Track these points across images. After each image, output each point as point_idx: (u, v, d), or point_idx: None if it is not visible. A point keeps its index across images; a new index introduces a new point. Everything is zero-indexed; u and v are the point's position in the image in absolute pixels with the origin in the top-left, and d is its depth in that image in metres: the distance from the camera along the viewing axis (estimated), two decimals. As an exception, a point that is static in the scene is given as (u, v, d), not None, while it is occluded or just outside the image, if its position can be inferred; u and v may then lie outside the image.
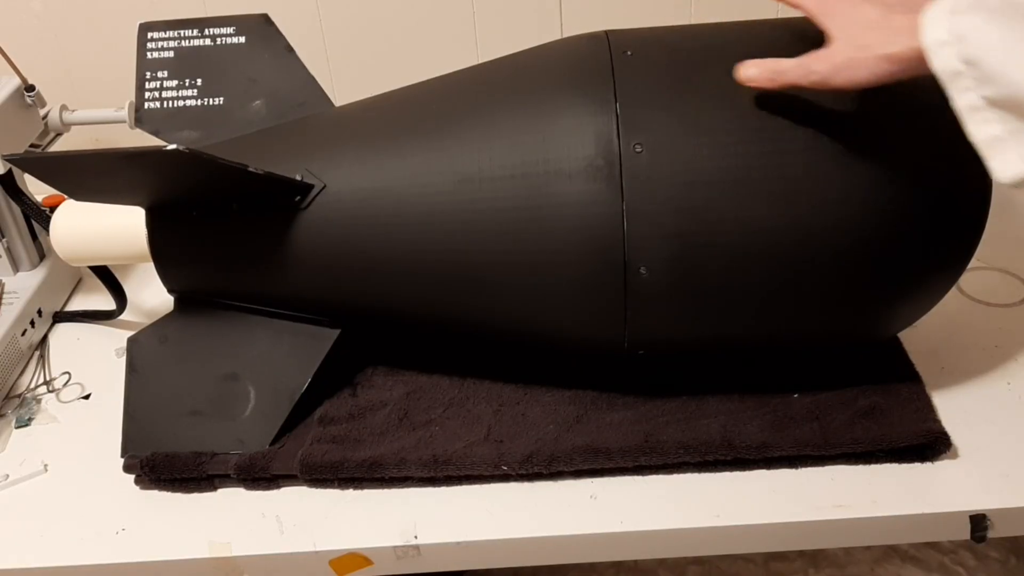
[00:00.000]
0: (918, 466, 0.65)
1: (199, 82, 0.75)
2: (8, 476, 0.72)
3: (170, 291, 0.73)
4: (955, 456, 0.66)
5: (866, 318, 0.66)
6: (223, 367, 0.72)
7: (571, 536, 0.64)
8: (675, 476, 0.67)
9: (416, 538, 0.64)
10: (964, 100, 0.51)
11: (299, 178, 0.67)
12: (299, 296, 0.71)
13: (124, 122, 0.85)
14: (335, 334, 0.72)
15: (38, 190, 0.83)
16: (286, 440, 0.71)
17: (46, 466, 0.73)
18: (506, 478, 0.67)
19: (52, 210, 0.76)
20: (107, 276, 0.81)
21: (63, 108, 0.88)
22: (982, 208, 0.63)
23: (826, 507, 0.63)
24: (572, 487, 0.67)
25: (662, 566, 1.01)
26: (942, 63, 0.51)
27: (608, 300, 0.63)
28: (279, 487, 0.69)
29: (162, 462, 0.69)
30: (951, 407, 0.68)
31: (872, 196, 0.60)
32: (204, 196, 0.68)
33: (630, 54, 0.64)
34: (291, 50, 0.76)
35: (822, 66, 0.56)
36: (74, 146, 0.73)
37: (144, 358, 0.74)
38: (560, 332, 0.67)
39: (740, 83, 0.59)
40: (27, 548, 0.67)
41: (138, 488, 0.70)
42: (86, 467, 0.72)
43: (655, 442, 0.66)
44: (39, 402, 0.79)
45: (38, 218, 0.84)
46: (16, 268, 0.87)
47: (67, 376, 0.82)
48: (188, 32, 0.76)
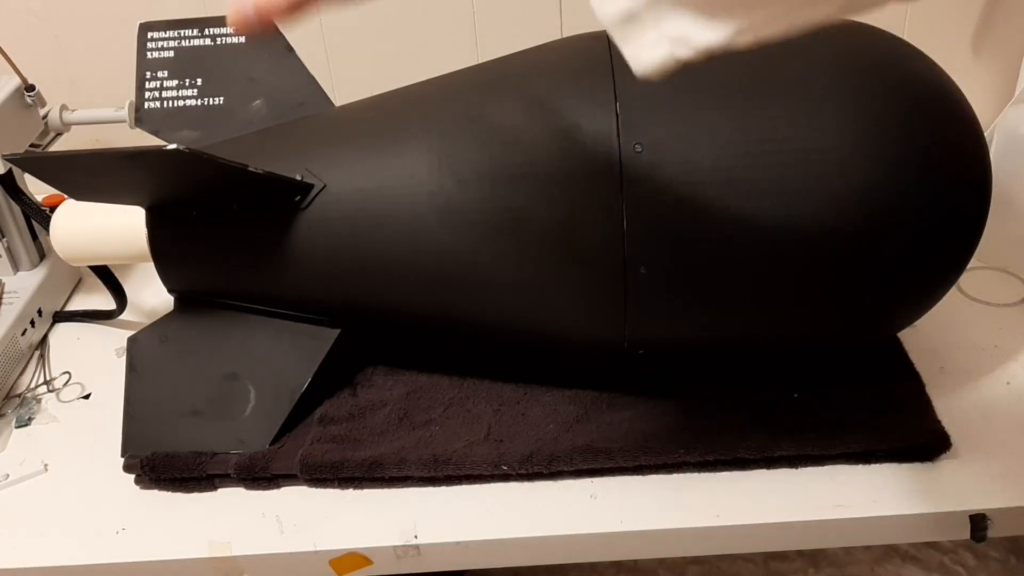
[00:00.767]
0: (918, 466, 0.65)
1: (199, 82, 0.75)
2: (8, 476, 0.72)
3: (170, 291, 0.73)
4: (955, 456, 0.65)
5: (866, 318, 0.66)
6: (223, 367, 0.72)
7: (571, 536, 0.64)
8: (675, 476, 0.66)
9: (416, 538, 0.64)
10: None
11: (299, 178, 0.67)
12: (299, 296, 0.71)
13: (124, 122, 0.85)
14: (335, 334, 0.72)
15: (38, 190, 0.83)
16: (286, 440, 0.71)
17: (46, 466, 0.73)
18: (506, 478, 0.67)
19: (52, 210, 0.76)
20: (107, 276, 0.81)
21: (63, 108, 0.87)
22: (982, 208, 0.63)
23: (826, 507, 0.63)
24: (572, 487, 0.67)
25: (662, 566, 1.00)
26: None
27: (608, 300, 0.63)
28: (279, 487, 0.69)
29: (162, 462, 0.69)
30: (951, 407, 0.68)
31: (872, 196, 0.60)
32: (204, 196, 0.68)
33: (630, 54, 0.64)
34: (291, 50, 0.76)
35: None
36: (74, 146, 0.73)
37: (144, 358, 0.74)
38: (560, 332, 0.67)
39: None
40: (27, 548, 0.67)
41: (138, 488, 0.70)
42: (86, 467, 0.72)
43: (655, 442, 0.66)
44: (39, 402, 0.79)
45: (38, 218, 0.84)
46: (16, 268, 0.87)
47: (67, 376, 0.82)
48: (188, 32, 0.76)
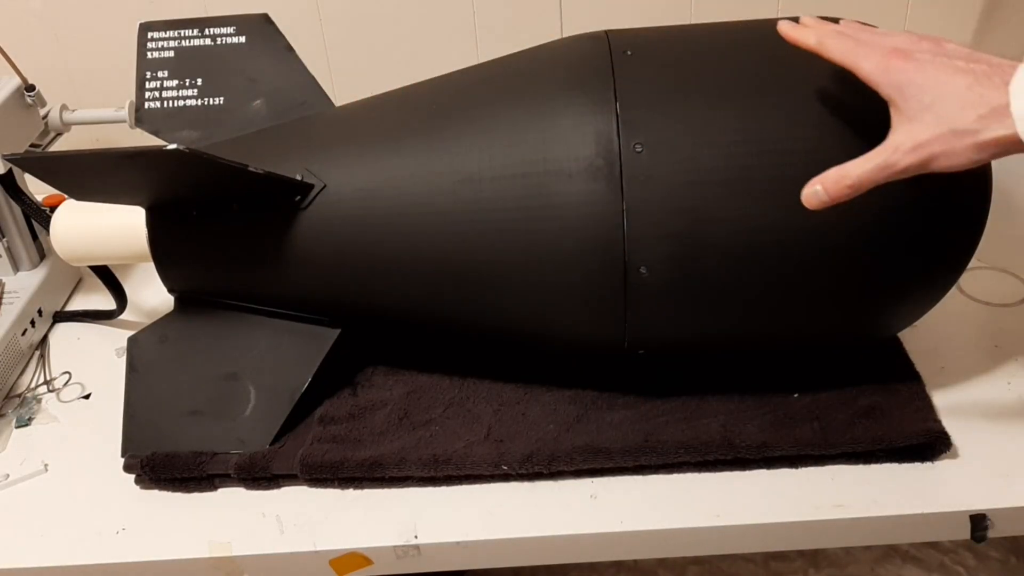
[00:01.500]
0: (918, 466, 0.65)
1: (199, 82, 0.75)
2: (8, 476, 0.72)
3: (170, 291, 0.73)
4: (955, 456, 0.65)
5: (866, 318, 0.66)
6: (223, 367, 0.72)
7: (571, 536, 0.64)
8: (675, 476, 0.66)
9: (416, 538, 0.64)
10: None
11: (299, 178, 0.67)
12: (299, 296, 0.71)
13: (124, 122, 0.85)
14: (335, 334, 0.72)
15: (38, 190, 0.83)
16: (286, 440, 0.71)
17: (46, 466, 0.73)
18: (506, 478, 0.67)
19: (52, 210, 0.76)
20: (107, 276, 0.81)
21: (63, 108, 0.88)
22: (982, 208, 0.63)
23: (826, 507, 0.63)
24: (572, 487, 0.67)
25: (662, 566, 1.01)
26: None
27: (608, 300, 0.63)
28: (279, 487, 0.69)
29: (162, 462, 0.69)
30: (951, 407, 0.68)
31: (872, 196, 0.60)
32: (204, 196, 0.68)
33: (630, 54, 0.64)
34: (291, 50, 0.76)
35: (912, 159, 0.50)
36: (74, 146, 0.73)
37: (144, 358, 0.74)
38: (560, 332, 0.67)
39: (812, 208, 0.53)
40: (27, 548, 0.67)
41: (138, 488, 0.70)
42: (86, 467, 0.72)
43: (655, 442, 0.66)
44: (39, 402, 0.79)
45: (38, 218, 0.84)
46: (16, 268, 0.87)
47: (67, 376, 0.82)
48: (188, 32, 0.76)
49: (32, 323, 0.84)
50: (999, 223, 0.67)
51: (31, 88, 0.84)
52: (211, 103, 0.75)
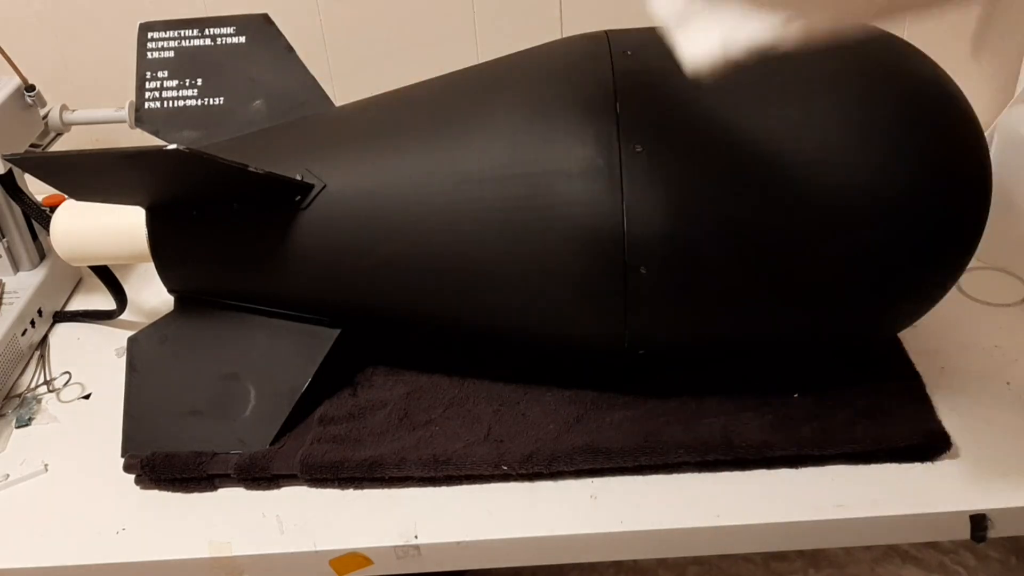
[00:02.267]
0: (918, 466, 0.65)
1: (199, 82, 0.75)
2: (8, 476, 0.72)
3: (170, 291, 0.73)
4: (955, 456, 0.66)
5: (866, 318, 0.66)
6: (223, 367, 0.72)
7: (571, 536, 0.64)
8: (675, 476, 0.66)
9: (416, 538, 0.64)
10: None
11: (299, 178, 0.67)
12: (299, 296, 0.71)
13: (124, 122, 0.85)
14: (335, 334, 0.72)
15: (38, 190, 0.83)
16: (286, 440, 0.71)
17: (46, 466, 0.73)
18: (506, 478, 0.67)
19: (52, 210, 0.76)
20: (107, 276, 0.81)
21: (63, 108, 0.87)
22: (982, 208, 0.63)
23: (826, 507, 0.63)
24: (572, 487, 0.67)
25: (662, 566, 1.00)
26: None
27: (608, 300, 0.63)
28: (279, 487, 0.69)
29: (162, 462, 0.69)
30: (951, 407, 0.68)
31: (872, 196, 0.60)
32: (204, 196, 0.68)
33: (630, 54, 0.64)
34: (291, 50, 0.76)
35: None
36: (74, 146, 0.73)
37: (144, 358, 0.74)
38: (560, 332, 0.67)
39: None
40: (27, 548, 0.67)
41: (138, 488, 0.70)
42: (86, 467, 0.72)
43: (655, 442, 0.66)
44: (39, 402, 0.79)
45: (38, 218, 0.84)
46: (16, 268, 0.87)
47: (67, 376, 0.82)
48: (188, 32, 0.76)
49: (32, 323, 0.84)
50: (999, 223, 0.67)
51: (31, 88, 0.84)
52: (211, 103, 0.75)
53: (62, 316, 0.88)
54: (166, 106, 0.75)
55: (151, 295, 0.88)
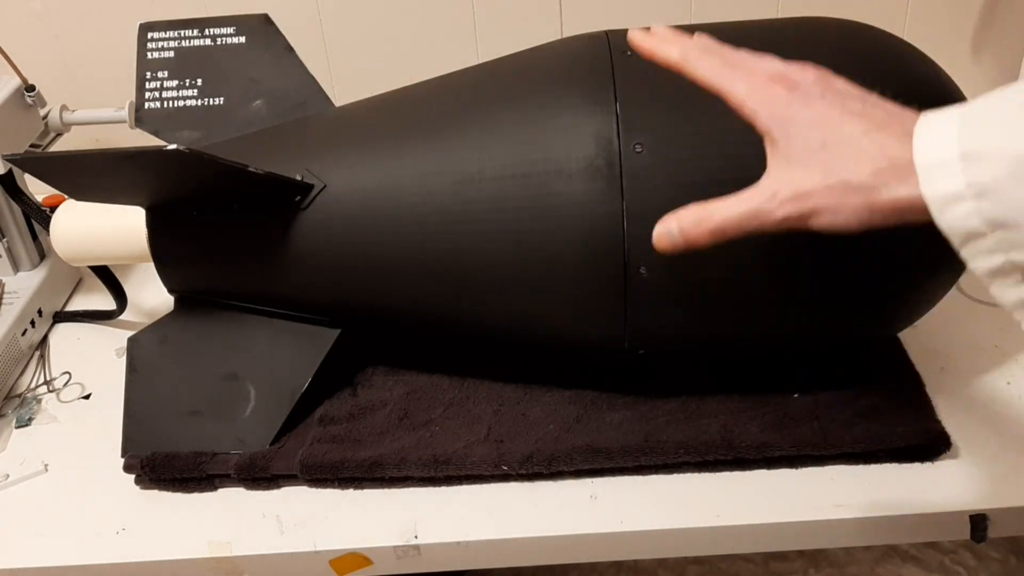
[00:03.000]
0: (918, 466, 0.65)
1: (199, 82, 0.75)
2: (8, 476, 0.72)
3: (170, 291, 0.73)
4: (955, 456, 0.65)
5: (866, 318, 0.66)
6: (223, 367, 0.72)
7: (571, 536, 0.64)
8: (675, 476, 0.66)
9: (416, 538, 0.64)
10: (986, 263, 0.40)
11: (299, 178, 0.67)
12: (299, 296, 0.71)
13: (124, 122, 0.85)
14: (335, 334, 0.72)
15: (38, 190, 0.83)
16: (286, 440, 0.71)
17: (46, 466, 0.73)
18: (506, 478, 0.67)
19: (52, 210, 0.76)
20: (107, 276, 0.81)
21: (63, 108, 0.88)
22: (982, 208, 0.63)
23: (826, 507, 0.63)
24: (572, 487, 0.67)
25: (662, 566, 1.01)
26: (954, 222, 0.39)
27: (608, 300, 0.63)
28: (279, 487, 0.69)
29: (162, 462, 0.69)
30: (951, 407, 0.68)
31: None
32: (204, 196, 0.68)
33: (630, 54, 0.64)
34: (291, 50, 0.76)
35: (790, 209, 0.42)
36: (74, 146, 0.73)
37: (144, 358, 0.74)
38: (560, 332, 0.67)
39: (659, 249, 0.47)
40: (27, 548, 0.67)
41: (138, 488, 0.70)
42: (86, 467, 0.72)
43: (655, 442, 0.66)
44: (39, 402, 0.79)
45: (38, 218, 0.84)
46: (16, 268, 0.87)
47: (67, 376, 0.82)
48: (188, 32, 0.76)
49: (32, 323, 0.84)
50: (999, 223, 0.67)
51: (31, 88, 0.84)
52: (211, 103, 0.75)
53: (62, 316, 0.88)
54: (166, 106, 0.75)
55: (151, 295, 0.88)
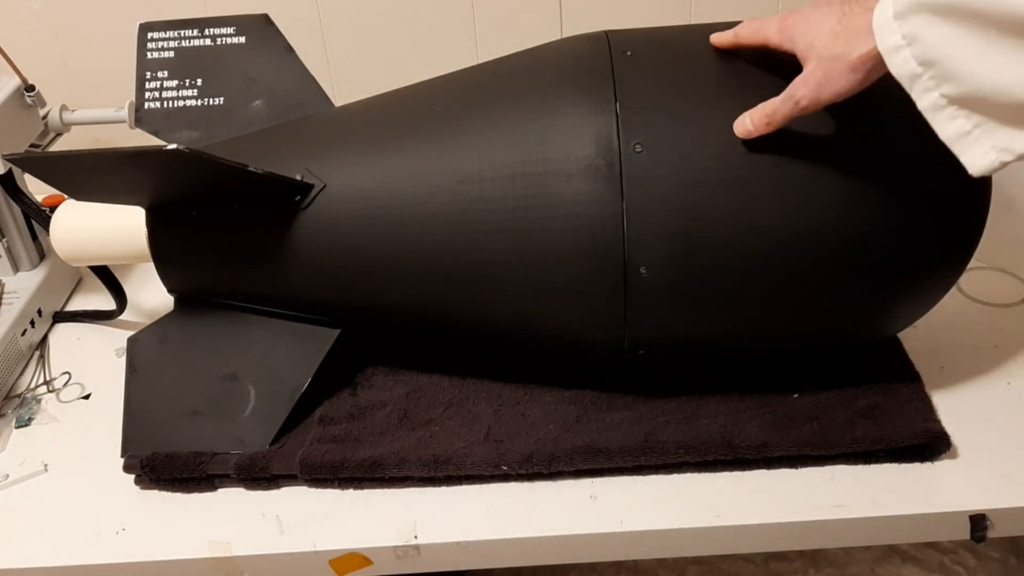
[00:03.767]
0: (918, 466, 0.65)
1: (199, 82, 0.75)
2: (8, 476, 0.72)
3: (170, 291, 0.73)
4: (955, 456, 0.66)
5: (866, 318, 0.66)
6: (223, 367, 0.72)
7: (571, 536, 0.64)
8: (675, 476, 0.66)
9: (416, 538, 0.64)
10: (926, 100, 0.51)
11: (299, 178, 0.67)
12: (299, 296, 0.71)
13: (124, 122, 0.85)
14: (335, 334, 0.72)
15: (38, 190, 0.83)
16: (286, 440, 0.71)
17: (46, 466, 0.73)
18: (506, 478, 0.67)
19: (52, 210, 0.76)
20: (107, 276, 0.81)
21: (63, 108, 0.88)
22: (982, 208, 0.63)
23: (826, 507, 0.63)
24: (572, 487, 0.67)
25: (662, 566, 1.00)
26: (899, 67, 0.51)
27: (608, 300, 0.63)
28: (279, 487, 0.69)
29: (162, 462, 0.69)
30: (951, 407, 0.68)
31: (872, 196, 0.60)
32: (204, 196, 0.68)
33: (630, 54, 0.64)
34: (291, 50, 0.76)
35: (805, 90, 0.56)
36: (74, 146, 0.73)
37: (144, 358, 0.74)
38: (560, 332, 0.67)
39: (741, 138, 0.59)
40: (27, 548, 0.67)
41: (138, 488, 0.70)
42: (86, 467, 0.72)
43: (655, 442, 0.66)
44: (39, 402, 0.79)
45: (38, 218, 0.84)
46: (16, 268, 0.87)
47: (67, 376, 0.82)
48: (188, 32, 0.76)
49: (32, 323, 0.84)
50: (999, 223, 0.67)
51: (31, 88, 0.84)
52: (211, 103, 0.75)
53: (62, 316, 0.88)
54: (166, 106, 0.75)
55: (151, 295, 0.88)
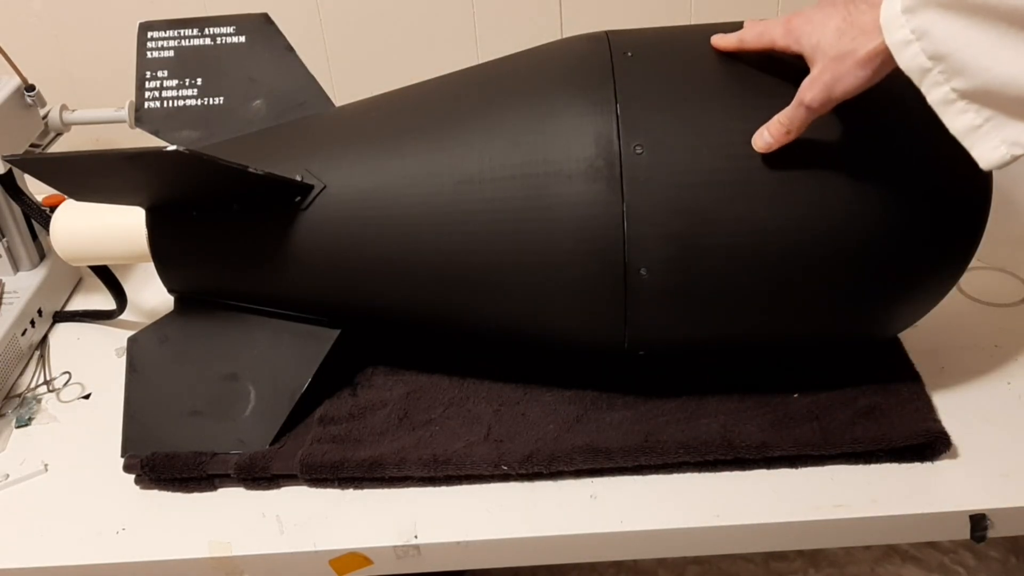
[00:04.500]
0: (918, 466, 0.65)
1: (199, 82, 0.75)
2: (8, 476, 0.72)
3: (170, 291, 0.73)
4: (955, 456, 0.66)
5: (866, 318, 0.66)
6: (223, 367, 0.72)
7: (571, 536, 0.64)
8: (675, 476, 0.67)
9: (416, 538, 0.64)
10: (937, 94, 0.51)
11: (299, 178, 0.67)
12: (299, 296, 0.71)
13: (124, 122, 0.85)
14: (335, 334, 0.72)
15: (38, 190, 0.83)
16: (286, 440, 0.71)
17: (46, 466, 0.73)
18: (506, 478, 0.67)
19: (52, 210, 0.76)
20: (107, 276, 0.81)
21: (63, 108, 0.88)
22: (982, 208, 0.63)
23: (826, 507, 0.63)
24: (572, 487, 0.67)
25: (662, 566, 1.00)
26: (908, 62, 0.51)
27: (608, 300, 0.63)
28: (279, 487, 0.69)
29: (162, 462, 0.69)
30: (951, 407, 0.68)
31: (872, 196, 0.60)
32: (204, 196, 0.68)
33: (630, 54, 0.64)
34: (291, 50, 0.76)
35: (815, 92, 0.56)
36: (74, 146, 0.73)
37: (144, 358, 0.74)
38: (560, 332, 0.67)
39: (762, 152, 0.60)
40: (27, 548, 0.67)
41: (138, 488, 0.70)
42: (86, 467, 0.72)
43: (655, 442, 0.66)
44: (39, 402, 0.79)
45: (38, 218, 0.84)
46: (16, 268, 0.87)
47: (67, 376, 0.82)
48: (188, 32, 0.76)
49: (32, 323, 0.84)
50: (999, 223, 0.67)
51: (31, 88, 0.84)
52: (211, 103, 0.75)
53: (62, 316, 0.88)
54: (166, 106, 0.75)
55: (151, 295, 0.88)
